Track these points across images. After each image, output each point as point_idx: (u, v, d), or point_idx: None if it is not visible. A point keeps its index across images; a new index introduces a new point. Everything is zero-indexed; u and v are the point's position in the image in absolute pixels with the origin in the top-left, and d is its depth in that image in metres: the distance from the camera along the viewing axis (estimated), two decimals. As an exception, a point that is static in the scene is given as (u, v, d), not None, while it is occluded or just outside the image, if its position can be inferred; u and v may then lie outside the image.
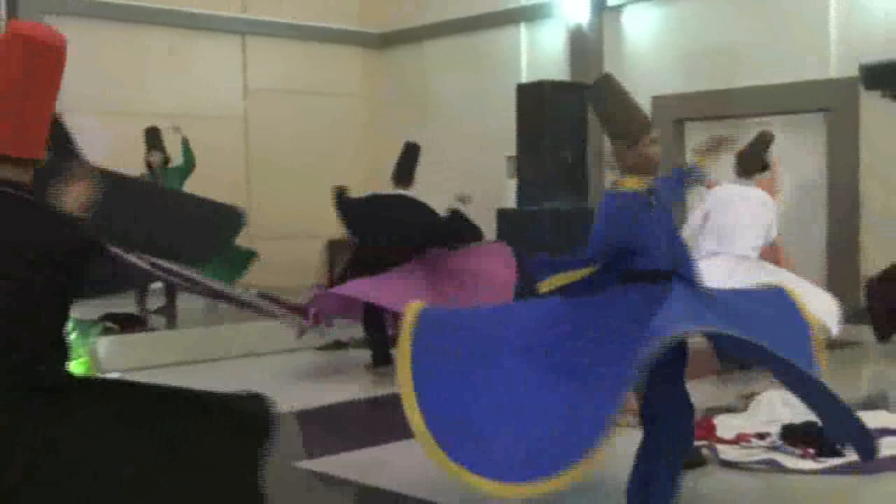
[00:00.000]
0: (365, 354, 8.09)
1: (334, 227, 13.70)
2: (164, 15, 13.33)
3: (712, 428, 5.33)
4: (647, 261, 3.87)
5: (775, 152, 9.68)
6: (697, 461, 4.70)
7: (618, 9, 12.43)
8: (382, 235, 7.89)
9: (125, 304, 9.87)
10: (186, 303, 10.52)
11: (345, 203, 8.09)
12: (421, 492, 4.66)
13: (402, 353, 4.00)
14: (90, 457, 2.85)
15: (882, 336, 8.10)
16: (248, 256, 10.09)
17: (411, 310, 4.14)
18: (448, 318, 4.40)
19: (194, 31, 13.70)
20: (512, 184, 11.32)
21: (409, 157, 8.23)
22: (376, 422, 6.79)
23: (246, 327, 8.85)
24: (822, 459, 4.89)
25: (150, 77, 13.29)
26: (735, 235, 7.09)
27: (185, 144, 10.52)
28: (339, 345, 8.78)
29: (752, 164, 7.48)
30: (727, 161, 7.80)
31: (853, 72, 10.30)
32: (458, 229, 7.90)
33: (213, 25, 13.84)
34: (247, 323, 8.78)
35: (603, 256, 3.97)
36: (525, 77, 12.94)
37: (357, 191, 8.36)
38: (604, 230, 3.94)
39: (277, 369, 8.12)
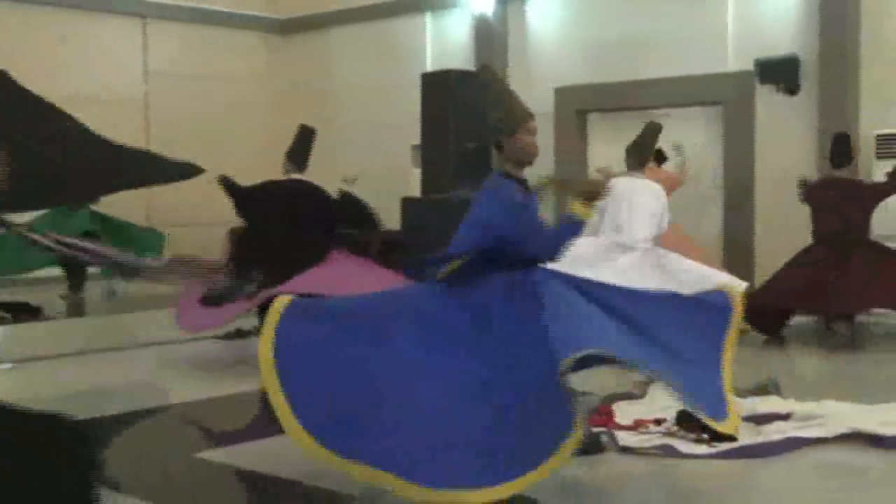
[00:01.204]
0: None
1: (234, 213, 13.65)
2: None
3: (611, 415, 5.44)
4: (516, 250, 3.99)
5: (682, 144, 9.93)
6: (596, 447, 4.79)
7: (522, -1, 12.54)
8: (274, 222, 7.78)
9: (19, 293, 9.63)
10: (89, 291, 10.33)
11: (235, 190, 7.96)
12: (322, 481, 4.66)
13: (264, 355, 3.87)
14: None
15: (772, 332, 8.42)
16: (159, 241, 9.90)
17: (277, 305, 4.01)
18: (321, 308, 4.31)
19: (94, 14, 13.39)
20: (417, 172, 11.33)
21: (304, 141, 8.14)
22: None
23: (147, 316, 8.72)
24: (716, 444, 5.03)
25: (47, 59, 12.93)
26: (631, 227, 7.23)
27: None
28: (240, 333, 8.69)
29: (642, 155, 7.62)
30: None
31: (749, 66, 10.59)
32: (350, 212, 7.88)
33: (113, 7, 13.54)
34: (148, 311, 8.66)
35: (479, 245, 4.09)
36: (430, 66, 12.96)
37: (260, 178, 8.25)
38: (481, 221, 4.10)
39: (179, 358, 8.01)
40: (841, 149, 8.54)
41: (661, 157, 9.85)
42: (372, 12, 13.97)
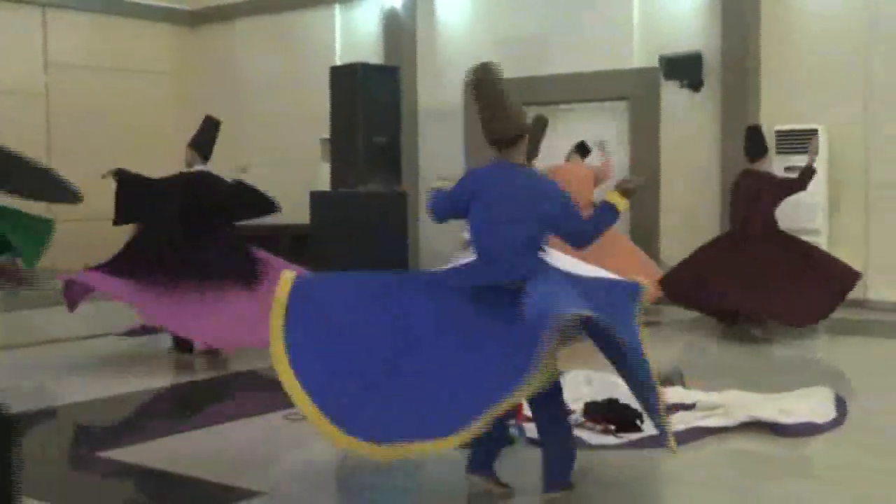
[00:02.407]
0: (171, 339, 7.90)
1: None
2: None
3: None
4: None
5: (606, 139, 10.06)
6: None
7: (431, -7, 12.54)
8: (173, 213, 7.63)
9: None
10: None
11: (134, 182, 7.77)
12: (226, 478, 4.62)
13: (274, 328, 4.12)
14: None
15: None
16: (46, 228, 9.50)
17: (284, 280, 4.22)
18: (327, 283, 4.56)
19: (-10, 1, 13.00)
20: (326, 166, 11.25)
21: (208, 132, 8.01)
22: (180, 409, 6.68)
23: (47, 313, 8.50)
24: (622, 435, 5.11)
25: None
26: None
27: None
28: (145, 329, 8.51)
29: (530, 149, 7.69)
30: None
31: (654, 62, 10.76)
32: (247, 200, 7.80)
33: (11, -5, 13.15)
34: (48, 308, 8.44)
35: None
36: (339, 59, 12.88)
37: (169, 170, 8.09)
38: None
39: (81, 356, 7.84)
40: (754, 141, 8.73)
41: (584, 151, 9.93)
42: (281, 4, 13.82)
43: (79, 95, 13.74)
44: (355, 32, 13.23)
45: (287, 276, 4.24)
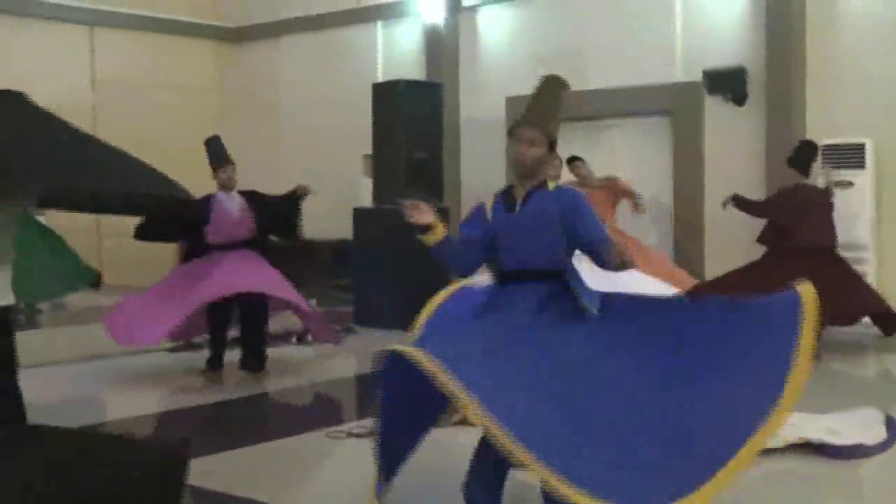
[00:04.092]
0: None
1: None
2: (6, 2, 12.80)
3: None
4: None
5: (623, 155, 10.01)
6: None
7: (473, 9, 12.57)
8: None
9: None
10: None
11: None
12: (268, 497, 4.63)
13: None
14: None
15: None
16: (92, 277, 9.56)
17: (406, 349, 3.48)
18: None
19: (41, 21, 13.20)
20: (368, 182, 11.30)
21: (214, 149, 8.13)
22: (223, 426, 6.71)
23: (91, 329, 8.58)
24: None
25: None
26: None
27: None
28: (190, 345, 8.59)
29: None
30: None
31: (697, 77, 10.69)
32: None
33: (60, 14, 13.36)
34: (93, 324, 8.51)
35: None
36: (381, 75, 12.95)
37: (209, 188, 8.15)
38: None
39: (126, 372, 7.91)
40: (808, 156, 8.64)
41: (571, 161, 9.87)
42: (323, 21, 13.93)
43: (125, 112, 13.90)
44: (397, 49, 13.29)
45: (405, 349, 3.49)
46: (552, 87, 4.30)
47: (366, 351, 8.51)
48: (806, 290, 3.67)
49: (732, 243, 10.45)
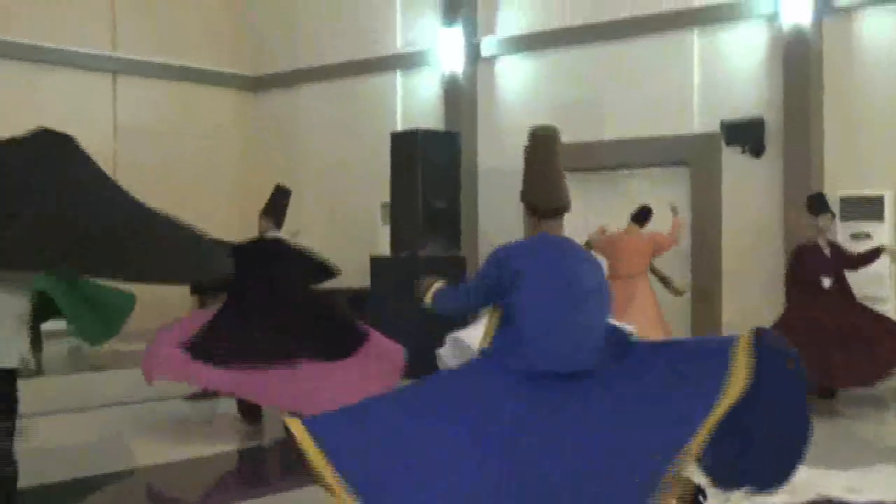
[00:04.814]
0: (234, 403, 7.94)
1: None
2: (29, 50, 12.98)
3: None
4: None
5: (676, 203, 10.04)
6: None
7: (491, 59, 12.67)
8: (251, 281, 7.62)
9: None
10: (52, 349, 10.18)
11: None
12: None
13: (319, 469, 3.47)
14: None
15: None
16: (128, 303, 9.69)
17: (294, 427, 3.57)
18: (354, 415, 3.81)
19: (64, 68, 13.37)
20: (386, 230, 11.35)
21: (279, 199, 8.15)
22: (249, 475, 6.69)
23: (113, 375, 8.62)
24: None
25: (12, 112, 12.88)
26: None
27: None
28: (207, 394, 8.59)
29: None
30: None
31: (715, 127, 10.72)
32: (312, 266, 7.86)
33: (82, 63, 13.53)
34: (114, 371, 8.55)
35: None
36: (400, 123, 13.04)
37: (228, 235, 8.18)
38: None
39: (145, 419, 7.91)
40: (824, 208, 8.68)
41: (642, 219, 9.84)
42: (343, 70, 14.05)
43: (146, 159, 14.03)
44: (416, 98, 13.39)
45: (294, 426, 3.56)
46: (553, 146, 4.21)
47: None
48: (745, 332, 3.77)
49: (750, 293, 10.43)
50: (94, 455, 6.80)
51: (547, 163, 4.14)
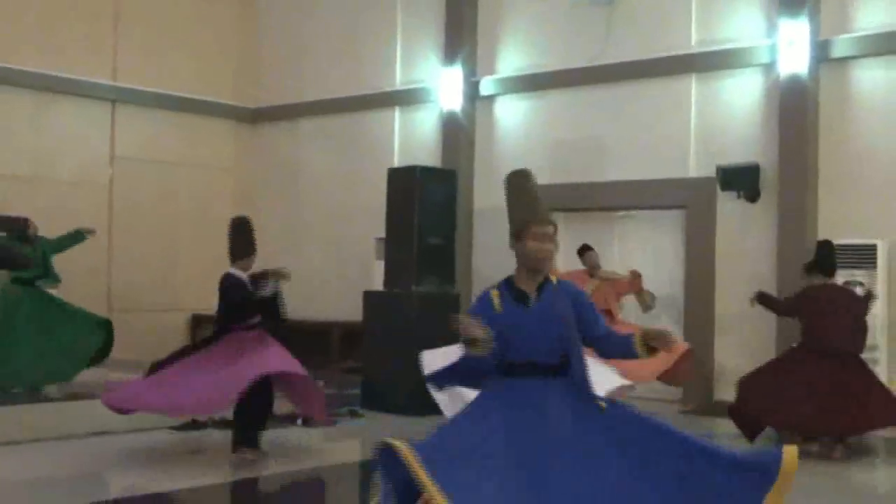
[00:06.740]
0: (223, 435, 7.87)
1: (198, 301, 13.48)
2: (30, 77, 13.03)
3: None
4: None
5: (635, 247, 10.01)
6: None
7: (490, 98, 12.73)
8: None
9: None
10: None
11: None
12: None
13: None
14: None
15: (751, 436, 8.31)
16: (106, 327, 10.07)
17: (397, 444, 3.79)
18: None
19: (63, 96, 13.42)
20: (380, 265, 11.33)
21: (231, 235, 7.97)
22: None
23: (97, 404, 8.53)
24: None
25: (12, 138, 12.93)
26: None
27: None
28: (195, 425, 8.52)
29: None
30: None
31: (711, 172, 10.76)
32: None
33: (82, 91, 13.58)
34: (95, 400, 8.46)
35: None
36: (398, 159, 13.08)
37: (223, 266, 8.13)
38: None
39: (134, 449, 7.84)
40: (828, 255, 8.62)
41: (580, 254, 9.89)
42: (342, 105, 14.12)
43: (141, 188, 14.08)
44: (414, 134, 13.44)
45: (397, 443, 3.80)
46: (527, 181, 4.42)
47: (370, 436, 8.46)
48: (789, 453, 3.78)
49: (742, 338, 10.43)
50: (75, 484, 6.72)
51: (522, 188, 4.41)
